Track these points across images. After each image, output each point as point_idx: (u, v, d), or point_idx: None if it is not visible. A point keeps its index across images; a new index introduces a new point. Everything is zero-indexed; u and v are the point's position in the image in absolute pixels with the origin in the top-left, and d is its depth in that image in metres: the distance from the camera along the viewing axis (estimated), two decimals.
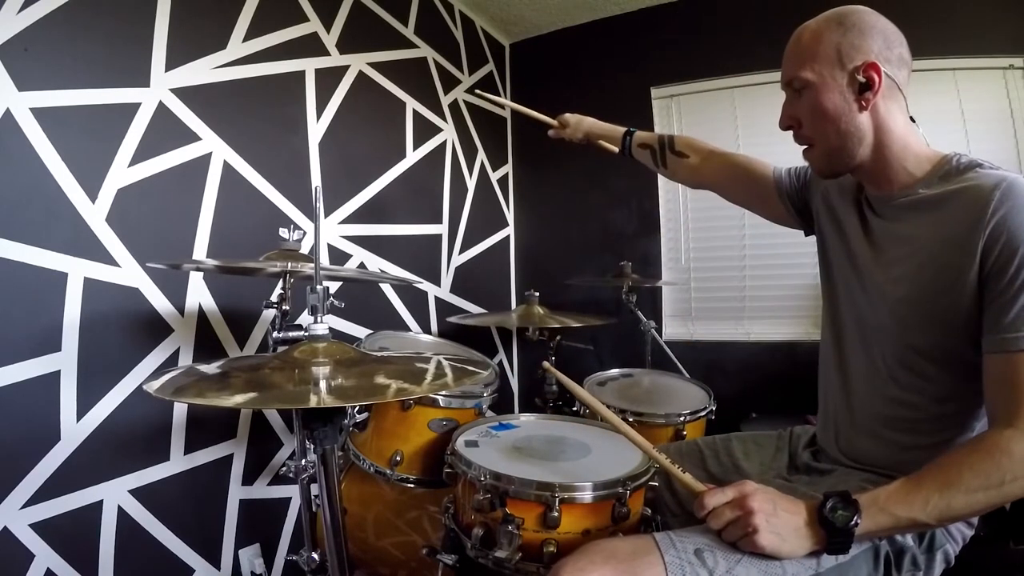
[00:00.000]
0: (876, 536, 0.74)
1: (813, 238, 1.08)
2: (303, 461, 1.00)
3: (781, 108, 0.92)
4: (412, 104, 2.17)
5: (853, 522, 0.68)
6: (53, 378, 1.17)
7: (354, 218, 1.90)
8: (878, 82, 0.81)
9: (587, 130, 1.46)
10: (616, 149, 1.39)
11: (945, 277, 0.77)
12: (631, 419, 1.43)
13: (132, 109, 1.31)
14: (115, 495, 1.28)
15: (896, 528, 0.72)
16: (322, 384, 0.69)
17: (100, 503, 1.25)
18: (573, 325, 1.76)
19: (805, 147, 0.91)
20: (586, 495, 0.87)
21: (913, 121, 0.88)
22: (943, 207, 0.80)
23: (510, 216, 2.83)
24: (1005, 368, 0.72)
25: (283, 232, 1.15)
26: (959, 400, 0.81)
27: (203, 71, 1.46)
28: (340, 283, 1.79)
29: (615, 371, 1.82)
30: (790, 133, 0.92)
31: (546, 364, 1.01)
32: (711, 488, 0.76)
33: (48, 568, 1.16)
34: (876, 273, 0.88)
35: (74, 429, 1.20)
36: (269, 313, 1.36)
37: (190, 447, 1.42)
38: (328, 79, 1.82)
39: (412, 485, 1.25)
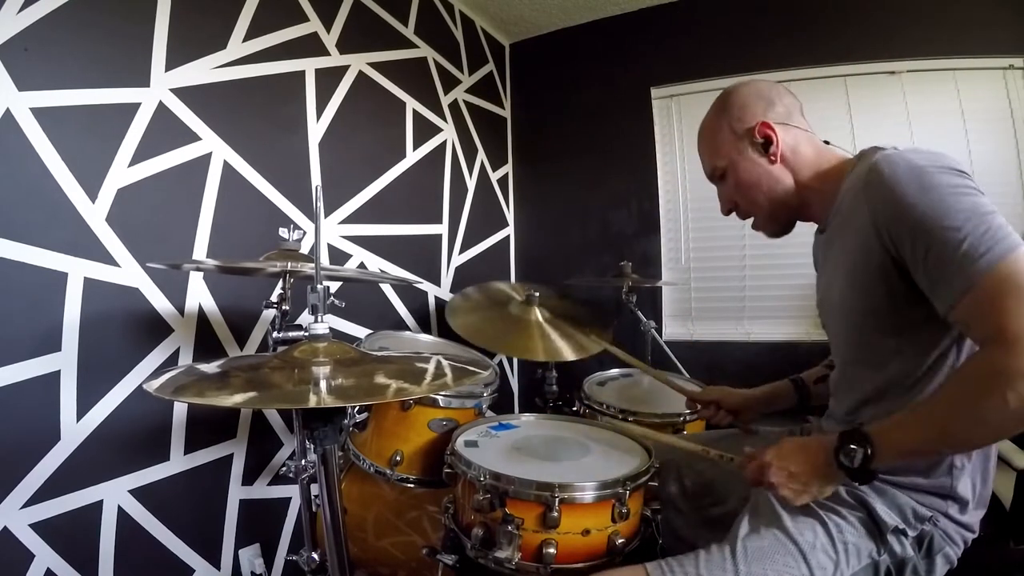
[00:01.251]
0: (897, 461, 0.76)
1: (811, 237, 1.09)
2: (303, 461, 1.00)
3: (718, 197, 1.03)
4: (412, 104, 2.17)
5: (867, 454, 0.71)
6: (53, 378, 1.17)
7: (354, 218, 1.90)
8: (775, 136, 0.91)
9: (749, 398, 1.23)
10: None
11: (868, 268, 0.79)
12: (631, 419, 1.43)
13: (132, 109, 1.31)
14: (115, 495, 1.28)
15: (912, 454, 0.75)
16: (322, 384, 0.69)
17: (100, 503, 1.25)
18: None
19: (751, 220, 1.00)
20: (586, 495, 0.88)
21: (827, 143, 0.97)
22: (843, 207, 0.86)
23: (510, 216, 2.83)
24: (960, 318, 0.69)
25: (283, 232, 1.15)
26: (925, 366, 0.80)
27: (203, 71, 1.46)
28: (340, 283, 1.79)
29: (615, 371, 1.82)
30: None
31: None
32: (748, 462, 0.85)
33: (48, 568, 1.16)
34: (831, 294, 0.93)
35: (74, 429, 1.20)
36: (269, 313, 1.36)
37: (190, 447, 1.42)
38: (328, 79, 1.82)
39: (412, 485, 1.25)
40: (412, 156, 2.17)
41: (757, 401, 1.20)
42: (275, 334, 0.97)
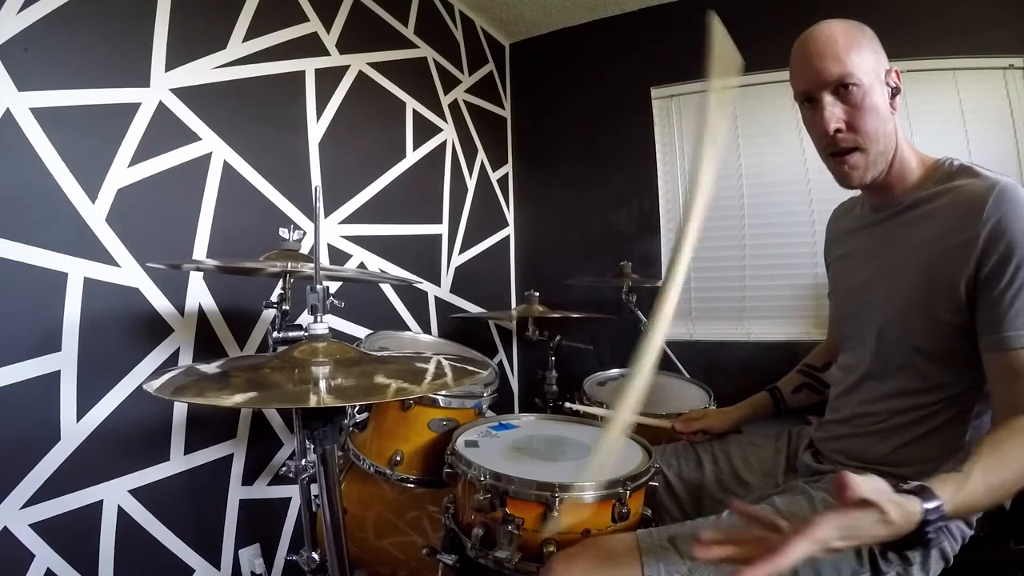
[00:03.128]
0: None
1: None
2: (303, 461, 1.00)
3: (821, 112, 0.85)
4: (412, 104, 2.17)
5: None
6: (53, 378, 1.17)
7: (354, 218, 1.90)
8: (902, 88, 0.86)
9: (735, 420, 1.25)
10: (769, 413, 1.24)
11: (941, 280, 0.80)
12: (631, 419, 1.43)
13: (132, 109, 1.31)
14: (115, 495, 1.28)
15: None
16: (322, 384, 0.69)
17: (100, 503, 1.25)
18: (573, 315, 1.75)
19: (848, 152, 0.86)
20: (586, 495, 0.87)
21: None
22: (937, 212, 0.83)
23: (510, 216, 2.83)
24: (1007, 364, 0.74)
25: (283, 232, 1.15)
26: (956, 387, 0.83)
27: (203, 71, 1.46)
28: (340, 283, 1.79)
29: (615, 371, 1.82)
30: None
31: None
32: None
33: (48, 568, 1.16)
34: (879, 280, 0.91)
35: (74, 429, 1.20)
36: (269, 313, 1.36)
37: (190, 447, 1.42)
38: (328, 79, 1.82)
39: (412, 485, 1.25)
40: (412, 156, 2.17)
41: (741, 422, 1.22)
42: (275, 334, 0.97)
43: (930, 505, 0.60)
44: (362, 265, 1.92)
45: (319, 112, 1.79)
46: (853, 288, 0.98)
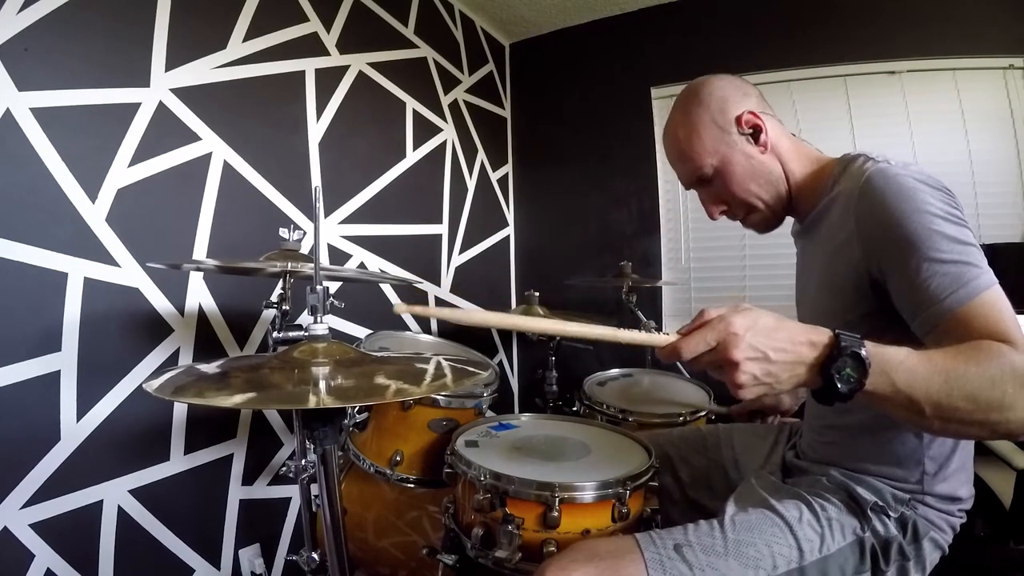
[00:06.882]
0: (874, 404, 0.62)
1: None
2: (303, 461, 1.00)
3: (703, 203, 0.97)
4: (412, 104, 2.17)
5: (856, 385, 0.59)
6: (53, 378, 1.17)
7: (354, 218, 1.90)
8: (762, 123, 0.88)
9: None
10: None
11: (843, 285, 0.80)
12: (631, 419, 1.43)
13: (132, 109, 1.31)
14: (115, 495, 1.28)
15: (888, 400, 0.61)
16: (322, 384, 0.69)
17: (100, 503, 1.25)
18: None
19: (745, 217, 0.96)
20: (586, 495, 0.87)
21: (795, 136, 0.95)
22: (832, 212, 0.84)
23: (510, 216, 2.83)
24: (948, 331, 0.66)
25: (283, 232, 1.15)
26: None
27: (203, 71, 1.46)
28: (340, 283, 1.79)
29: (615, 371, 1.82)
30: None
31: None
32: (684, 336, 0.64)
33: (48, 568, 1.16)
34: (807, 291, 0.94)
35: (74, 429, 1.20)
36: (269, 313, 1.36)
37: (190, 447, 1.42)
38: (328, 79, 1.82)
39: (412, 485, 1.25)
40: (412, 156, 2.17)
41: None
42: (275, 334, 0.97)
43: (842, 332, 0.60)
44: (362, 265, 1.92)
45: (319, 112, 1.79)
46: (798, 300, 1.03)
